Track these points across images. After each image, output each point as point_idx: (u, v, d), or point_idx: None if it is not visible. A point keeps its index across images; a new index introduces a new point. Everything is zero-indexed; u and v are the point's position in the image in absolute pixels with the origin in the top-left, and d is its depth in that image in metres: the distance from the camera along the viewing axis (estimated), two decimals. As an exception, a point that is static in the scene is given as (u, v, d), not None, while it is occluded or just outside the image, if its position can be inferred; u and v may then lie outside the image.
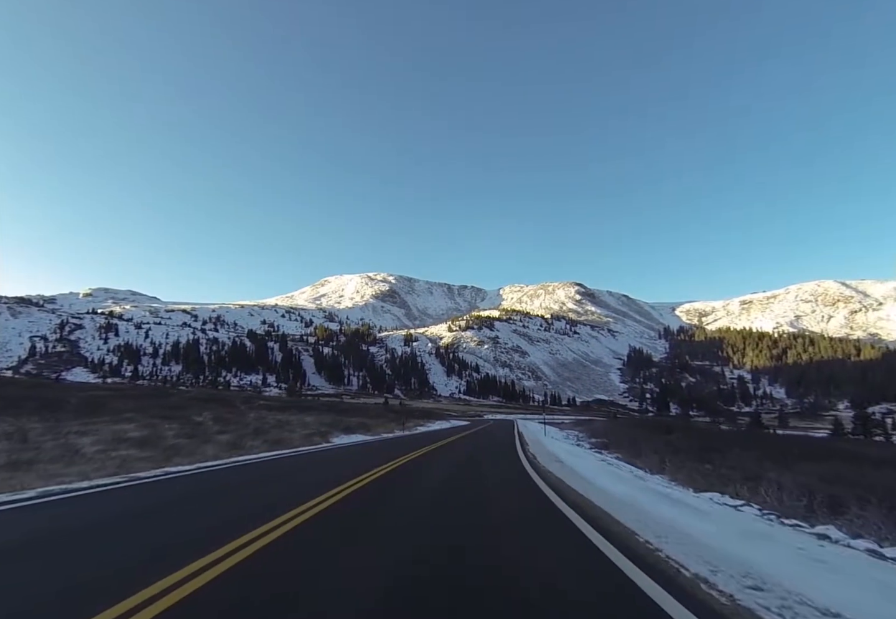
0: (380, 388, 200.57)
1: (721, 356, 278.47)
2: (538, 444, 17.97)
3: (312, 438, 16.28)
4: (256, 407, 36.22)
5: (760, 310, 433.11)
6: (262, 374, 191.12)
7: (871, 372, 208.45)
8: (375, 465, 9.91)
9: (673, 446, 15.87)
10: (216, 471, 8.83)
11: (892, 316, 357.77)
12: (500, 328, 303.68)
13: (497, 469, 10.68)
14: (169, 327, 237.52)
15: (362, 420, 26.75)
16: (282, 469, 9.60)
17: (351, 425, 22.62)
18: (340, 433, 19.55)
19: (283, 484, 7.56)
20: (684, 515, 6.12)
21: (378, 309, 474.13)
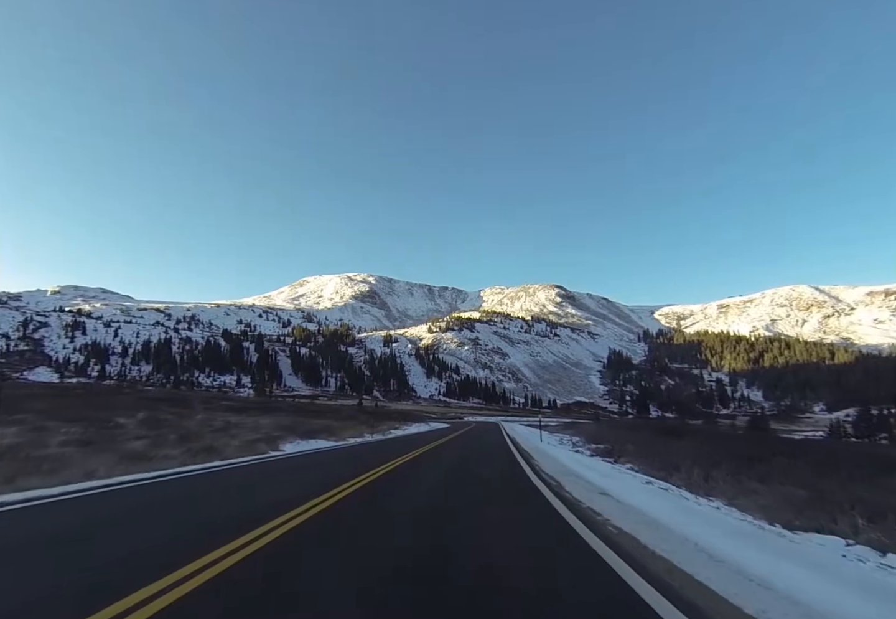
0: (358, 389, 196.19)
1: (699, 359, 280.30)
2: (544, 456, 14.78)
3: (256, 445, 13.05)
4: (216, 408, 32.69)
5: (737, 314, 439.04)
6: (237, 374, 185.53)
7: (846, 376, 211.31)
8: (310, 494, 6.63)
9: (694, 455, 13.04)
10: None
11: (863, 321, 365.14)
12: (480, 330, 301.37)
13: (509, 505, 6.89)
14: (140, 325, 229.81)
15: (328, 423, 23.56)
16: (139, 507, 5.75)
17: (313, 429, 19.41)
18: (297, 438, 16.34)
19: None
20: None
21: (358, 310, 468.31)
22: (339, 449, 14.95)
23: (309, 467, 10.18)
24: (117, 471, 8.16)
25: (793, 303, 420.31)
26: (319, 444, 16.24)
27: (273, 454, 12.29)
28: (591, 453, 16.72)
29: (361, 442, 18.40)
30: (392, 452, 14.73)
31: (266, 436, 15.22)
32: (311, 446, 15.09)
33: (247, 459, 10.91)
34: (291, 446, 14.73)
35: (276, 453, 12.59)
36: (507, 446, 17.78)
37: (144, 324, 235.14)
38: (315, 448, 14.60)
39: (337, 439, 18.60)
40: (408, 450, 14.77)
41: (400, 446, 17.49)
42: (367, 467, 9.82)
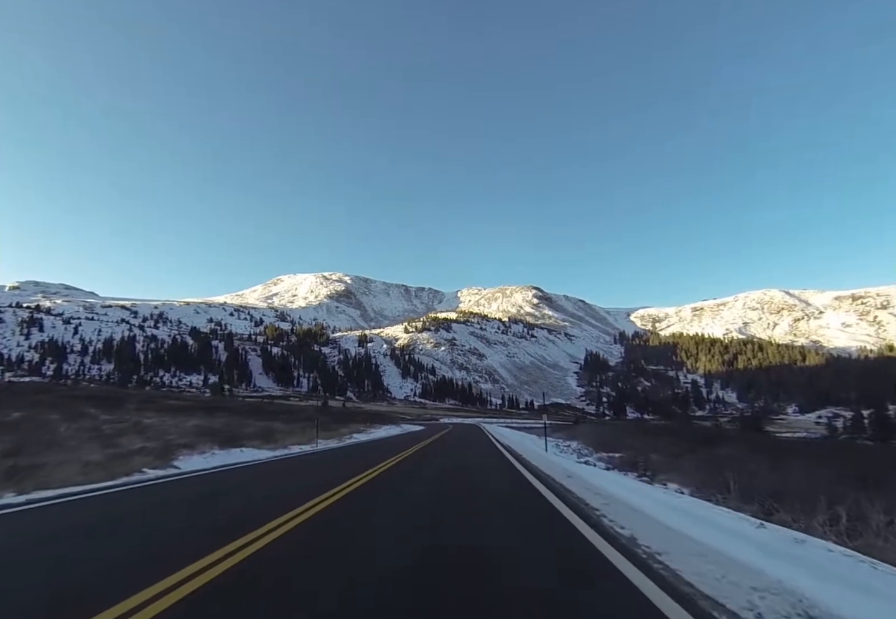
0: (331, 390, 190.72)
1: (675, 361, 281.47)
2: (594, 491, 8.71)
3: (133, 459, 8.75)
4: (151, 408, 27.99)
5: (711, 317, 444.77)
6: (204, 374, 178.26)
7: (817, 378, 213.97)
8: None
9: (755, 469, 9.22)
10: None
11: (831, 324, 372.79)
12: (457, 330, 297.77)
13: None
14: (102, 322, 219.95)
15: (273, 426, 19.27)
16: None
17: (246, 434, 15.12)
18: (214, 447, 12.05)
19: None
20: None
21: (333, 309, 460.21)
22: (255, 466, 10.28)
23: (122, 522, 5.09)
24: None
25: (764, 306, 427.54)
26: (242, 455, 11.97)
27: (138, 479, 7.95)
28: (606, 464, 12.85)
29: (303, 453, 14.02)
30: (356, 463, 11.17)
31: (165, 444, 10.91)
32: (223, 460, 10.82)
33: (70, 491, 6.57)
34: (198, 458, 10.47)
35: (150, 475, 8.28)
36: (508, 462, 12.69)
37: (107, 321, 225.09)
38: (223, 464, 10.26)
39: (275, 446, 14.35)
40: (375, 462, 10.66)
41: (355, 457, 13.34)
42: (305, 493, 6.28)
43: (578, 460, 13.79)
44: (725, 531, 4.78)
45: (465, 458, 14.01)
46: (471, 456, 14.68)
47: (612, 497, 6.93)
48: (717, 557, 4.06)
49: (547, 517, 5.53)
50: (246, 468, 9.81)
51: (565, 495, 6.91)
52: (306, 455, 13.51)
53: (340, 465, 11.43)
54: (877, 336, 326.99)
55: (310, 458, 12.81)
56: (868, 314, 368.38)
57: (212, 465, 9.95)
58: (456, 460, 13.08)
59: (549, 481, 8.72)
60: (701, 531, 4.80)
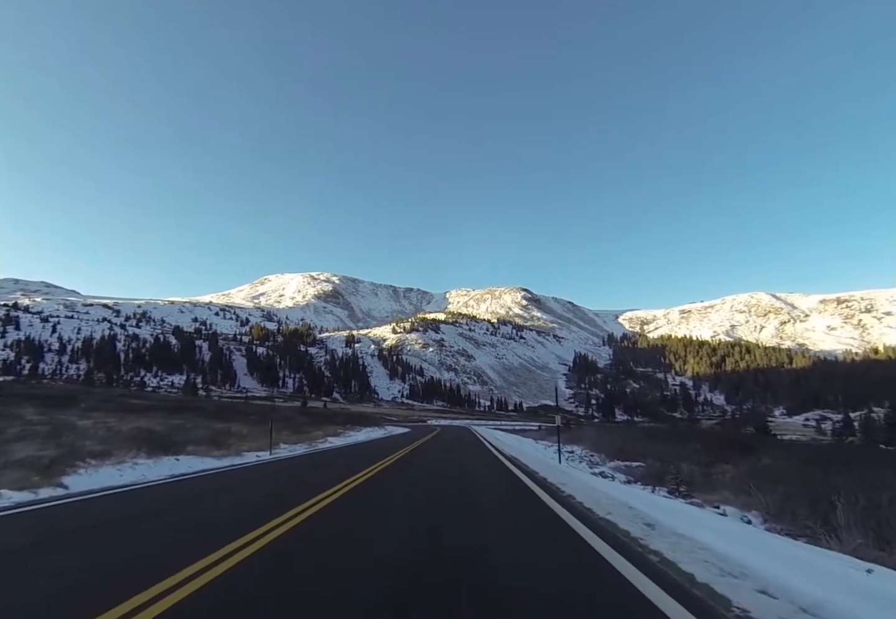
0: (317, 391, 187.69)
1: (663, 363, 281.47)
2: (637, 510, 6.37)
3: (6, 474, 6.25)
4: (107, 408, 25.30)
5: (699, 319, 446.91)
6: (187, 374, 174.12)
7: (804, 380, 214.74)
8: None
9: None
10: None
11: (817, 327, 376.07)
12: (445, 331, 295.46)
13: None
14: (83, 321, 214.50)
15: (235, 428, 16.78)
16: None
17: (195, 438, 12.65)
18: (141, 455, 9.57)
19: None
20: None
21: (320, 309, 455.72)
22: (170, 485, 7.58)
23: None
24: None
25: (751, 309, 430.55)
26: (175, 466, 9.50)
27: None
28: (626, 477, 10.57)
29: (254, 463, 11.53)
30: (307, 482, 8.69)
31: (70, 452, 8.42)
32: (143, 474, 8.34)
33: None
34: (108, 472, 8.02)
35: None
36: (523, 484, 9.39)
37: (88, 320, 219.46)
38: (138, 481, 7.77)
39: (224, 454, 11.91)
40: (298, 499, 6.92)
41: (310, 474, 10.65)
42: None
43: (592, 471, 11.52)
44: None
45: (459, 471, 11.40)
46: (467, 468, 12.18)
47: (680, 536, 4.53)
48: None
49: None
50: (155, 488, 7.29)
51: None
52: (255, 467, 10.97)
53: (285, 484, 8.75)
54: (861, 339, 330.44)
55: (255, 471, 10.24)
56: (853, 318, 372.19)
57: (121, 482, 7.53)
58: (448, 474, 10.62)
59: (603, 527, 5.31)
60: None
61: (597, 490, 8.17)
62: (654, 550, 4.22)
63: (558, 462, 13.12)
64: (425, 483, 9.21)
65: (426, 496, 7.67)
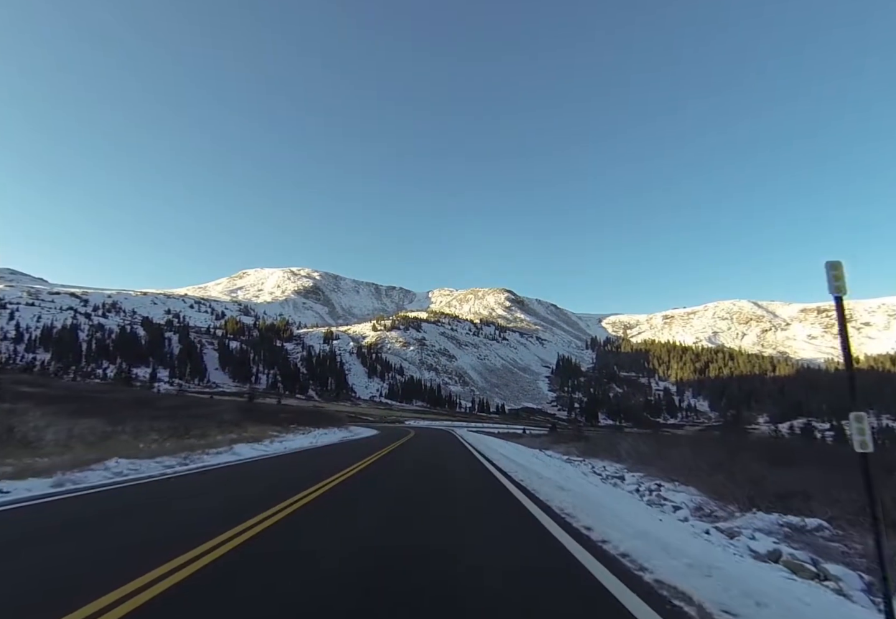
0: (292, 388, 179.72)
1: (647, 368, 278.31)
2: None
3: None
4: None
5: (682, 325, 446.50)
6: (153, 367, 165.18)
7: (788, 388, 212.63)
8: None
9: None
10: None
11: (797, 336, 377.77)
12: (427, 330, 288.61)
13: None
14: (44, 309, 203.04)
15: (76, 429, 9.98)
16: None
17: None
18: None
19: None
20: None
21: (300, 305, 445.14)
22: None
23: None
24: None
25: (733, 316, 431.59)
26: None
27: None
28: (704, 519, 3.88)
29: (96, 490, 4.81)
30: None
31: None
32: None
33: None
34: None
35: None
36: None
37: (50, 308, 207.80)
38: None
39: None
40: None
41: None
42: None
43: (655, 512, 5.05)
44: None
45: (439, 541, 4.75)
46: (456, 529, 5.37)
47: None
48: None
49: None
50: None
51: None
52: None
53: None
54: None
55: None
56: (833, 327, 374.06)
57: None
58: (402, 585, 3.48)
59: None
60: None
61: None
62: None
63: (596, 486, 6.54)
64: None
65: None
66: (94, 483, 7.13)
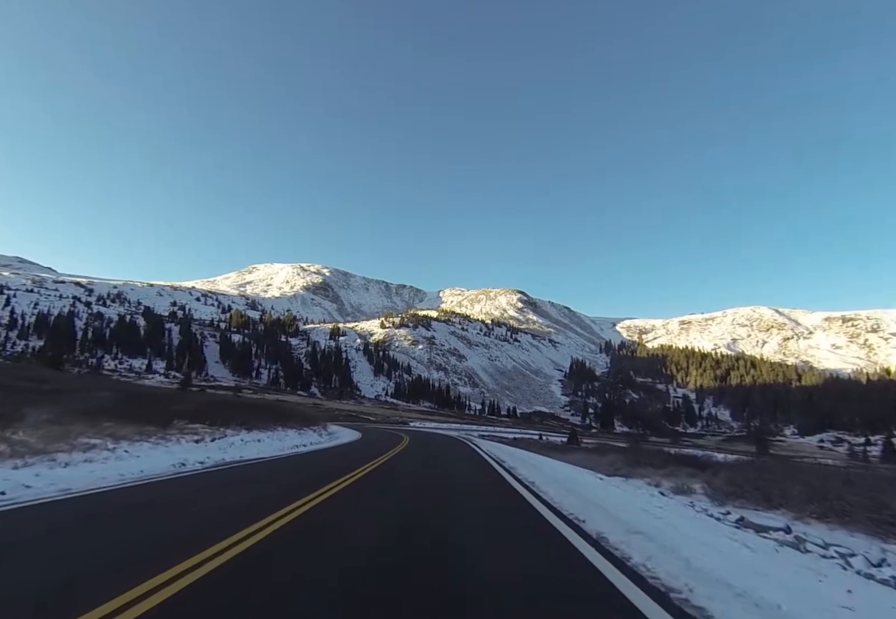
0: (294, 384, 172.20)
1: (664, 374, 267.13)
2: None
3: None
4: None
5: (699, 331, 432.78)
6: (149, 358, 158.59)
7: (817, 398, 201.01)
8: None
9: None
10: None
11: (821, 345, 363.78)
12: (437, 328, 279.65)
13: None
14: (42, 295, 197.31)
15: None
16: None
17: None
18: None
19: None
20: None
21: (308, 301, 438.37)
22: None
23: None
24: None
25: (753, 323, 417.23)
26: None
27: None
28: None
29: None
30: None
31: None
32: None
33: None
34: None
35: None
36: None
37: (49, 296, 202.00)
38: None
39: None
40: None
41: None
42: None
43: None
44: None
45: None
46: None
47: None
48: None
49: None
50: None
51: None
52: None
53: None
54: (868, 359, 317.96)
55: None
56: (858, 337, 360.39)
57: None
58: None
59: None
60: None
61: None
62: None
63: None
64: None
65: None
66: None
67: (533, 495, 8.35)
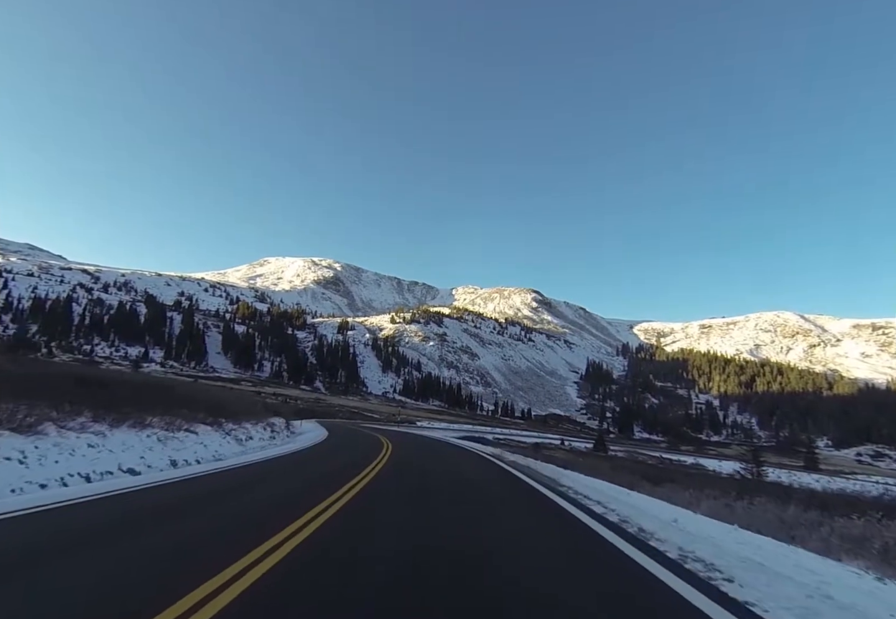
0: (297, 378, 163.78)
1: (686, 379, 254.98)
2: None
3: None
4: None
5: (720, 335, 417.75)
6: (147, 347, 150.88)
7: (853, 409, 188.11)
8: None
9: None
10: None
11: (850, 353, 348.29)
12: (449, 325, 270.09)
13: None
14: (42, 280, 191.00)
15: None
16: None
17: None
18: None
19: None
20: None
21: (318, 295, 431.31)
22: None
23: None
24: None
25: (777, 329, 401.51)
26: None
27: None
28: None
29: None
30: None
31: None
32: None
33: None
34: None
35: None
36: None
37: (49, 281, 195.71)
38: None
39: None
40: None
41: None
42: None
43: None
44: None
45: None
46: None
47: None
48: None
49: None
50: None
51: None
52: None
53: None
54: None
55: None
56: (890, 345, 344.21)
57: None
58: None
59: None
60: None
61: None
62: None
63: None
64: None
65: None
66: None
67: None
